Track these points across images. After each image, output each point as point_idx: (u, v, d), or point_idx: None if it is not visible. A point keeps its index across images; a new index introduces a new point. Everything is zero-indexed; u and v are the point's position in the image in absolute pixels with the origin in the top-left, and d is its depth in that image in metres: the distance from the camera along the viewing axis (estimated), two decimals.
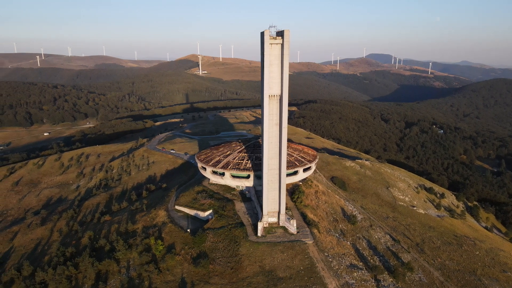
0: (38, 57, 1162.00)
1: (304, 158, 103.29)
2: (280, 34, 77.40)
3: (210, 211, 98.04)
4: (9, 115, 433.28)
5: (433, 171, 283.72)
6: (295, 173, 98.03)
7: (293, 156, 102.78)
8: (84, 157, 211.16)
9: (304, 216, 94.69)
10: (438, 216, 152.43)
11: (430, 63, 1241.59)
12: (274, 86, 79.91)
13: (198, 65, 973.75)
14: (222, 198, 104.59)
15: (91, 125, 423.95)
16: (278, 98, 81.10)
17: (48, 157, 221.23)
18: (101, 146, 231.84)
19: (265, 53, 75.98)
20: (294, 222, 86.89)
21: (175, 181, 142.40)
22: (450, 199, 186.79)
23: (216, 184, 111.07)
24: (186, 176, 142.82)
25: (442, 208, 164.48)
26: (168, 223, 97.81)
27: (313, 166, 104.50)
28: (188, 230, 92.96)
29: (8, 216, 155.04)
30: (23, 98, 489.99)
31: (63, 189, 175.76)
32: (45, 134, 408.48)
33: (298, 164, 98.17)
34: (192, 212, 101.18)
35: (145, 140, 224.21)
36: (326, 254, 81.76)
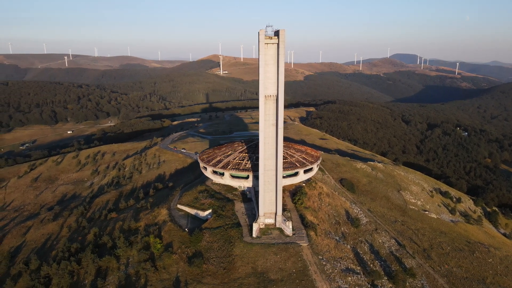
0: (66, 57, 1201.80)
1: (306, 159, 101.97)
2: (277, 34, 76.68)
3: (210, 210, 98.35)
4: (36, 114, 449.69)
5: (453, 174, 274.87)
6: (296, 174, 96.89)
7: (294, 157, 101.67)
8: (100, 155, 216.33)
9: (302, 218, 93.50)
10: (451, 221, 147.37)
11: (457, 63, 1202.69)
12: (270, 86, 79.26)
13: (219, 65, 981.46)
14: (223, 198, 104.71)
15: (112, 124, 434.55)
16: (275, 98, 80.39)
17: (67, 154, 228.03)
18: (117, 144, 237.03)
19: (260, 53, 75.51)
20: (290, 224, 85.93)
21: (182, 180, 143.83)
22: (467, 203, 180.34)
23: (219, 184, 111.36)
24: (193, 176, 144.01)
25: (458, 213, 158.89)
26: (168, 222, 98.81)
27: (315, 167, 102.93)
28: (186, 229, 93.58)
29: (24, 211, 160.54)
30: (49, 97, 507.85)
31: (78, 186, 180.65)
32: (69, 132, 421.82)
33: (298, 165, 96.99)
34: (192, 211, 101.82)
35: (159, 139, 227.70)
36: (320, 257, 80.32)
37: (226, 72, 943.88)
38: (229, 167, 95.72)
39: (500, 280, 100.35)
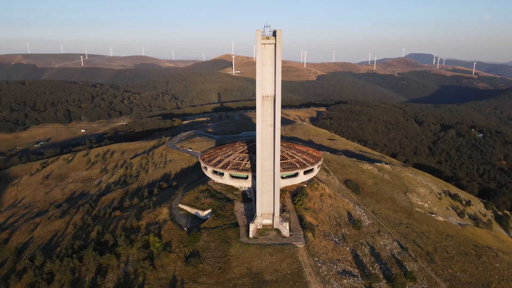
0: (82, 57, 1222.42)
1: (307, 160, 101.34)
2: (274, 34, 76.42)
3: (209, 210, 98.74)
4: (51, 112, 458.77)
5: (466, 176, 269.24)
6: (296, 175, 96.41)
7: (295, 158, 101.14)
8: (110, 154, 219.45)
9: (301, 219, 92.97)
10: (459, 224, 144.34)
11: (475, 63, 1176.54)
12: (268, 86, 79.02)
13: (232, 64, 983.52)
14: (223, 198, 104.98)
15: (124, 123, 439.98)
16: (272, 98, 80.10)
17: (77, 153, 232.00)
18: (126, 143, 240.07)
19: (257, 53, 75.37)
20: (286, 225, 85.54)
21: (186, 179, 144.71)
22: (477, 207, 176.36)
23: (220, 184, 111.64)
24: (197, 175, 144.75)
25: (467, 216, 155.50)
26: (168, 221, 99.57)
27: (316, 168, 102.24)
28: (185, 228, 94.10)
29: (34, 208, 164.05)
30: (64, 96, 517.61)
31: (86, 184, 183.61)
32: (82, 130, 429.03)
33: (298, 166, 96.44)
34: (193, 211, 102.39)
35: (167, 138, 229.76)
36: (316, 259, 79.68)
37: (239, 71, 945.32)
38: (228, 167, 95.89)
39: (506, 286, 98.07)
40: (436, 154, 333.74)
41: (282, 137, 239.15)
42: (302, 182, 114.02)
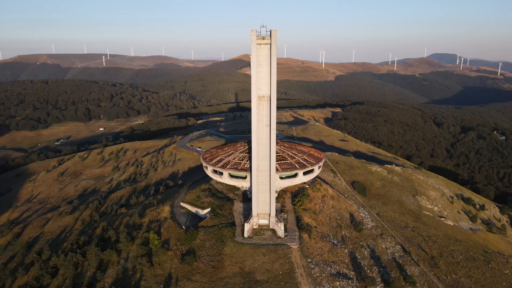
0: (103, 57, 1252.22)
1: (307, 161, 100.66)
2: (271, 34, 76.36)
3: (209, 209, 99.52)
4: (71, 111, 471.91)
5: (484, 180, 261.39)
6: (295, 175, 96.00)
7: (295, 158, 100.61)
8: (123, 152, 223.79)
9: (298, 220, 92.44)
10: (470, 229, 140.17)
11: (500, 63, 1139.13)
12: (264, 86, 79.03)
13: (250, 64, 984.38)
14: (223, 197, 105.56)
15: (141, 122, 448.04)
16: (268, 99, 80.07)
17: (93, 150, 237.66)
18: (139, 142, 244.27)
19: (252, 53, 75.53)
20: (281, 225, 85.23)
21: (192, 178, 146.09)
22: (492, 211, 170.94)
23: (222, 183, 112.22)
24: (202, 174, 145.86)
25: (479, 220, 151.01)
26: (168, 219, 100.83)
27: (316, 169, 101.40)
28: (184, 227, 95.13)
29: (47, 204, 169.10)
30: (85, 95, 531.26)
31: (99, 181, 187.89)
32: (101, 129, 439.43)
33: (298, 167, 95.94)
34: (193, 209, 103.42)
35: (179, 137, 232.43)
36: (309, 260, 79.04)
37: None
38: (228, 166, 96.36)
39: None
40: (454, 156, 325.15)
41: (293, 138, 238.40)
42: (304, 183, 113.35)
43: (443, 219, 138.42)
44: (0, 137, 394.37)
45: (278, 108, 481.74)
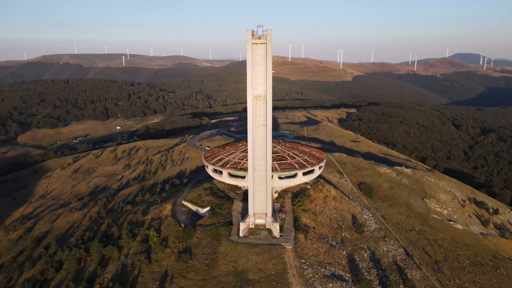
0: (123, 57, 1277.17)
1: (307, 161, 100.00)
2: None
3: (208, 208, 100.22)
4: (90, 110, 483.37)
5: (503, 183, 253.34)
6: (294, 175, 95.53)
7: (295, 158, 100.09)
8: (135, 150, 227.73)
9: (296, 220, 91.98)
10: (481, 233, 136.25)
11: None
12: (260, 86, 79.02)
13: None
14: (224, 196, 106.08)
15: (156, 121, 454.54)
16: (264, 98, 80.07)
17: (106, 148, 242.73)
18: (152, 140, 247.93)
19: (247, 53, 75.68)
20: (277, 225, 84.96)
21: (198, 177, 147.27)
22: (506, 216, 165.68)
23: (224, 182, 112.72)
24: (207, 173, 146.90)
25: (492, 225, 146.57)
26: (169, 217, 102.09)
27: (317, 169, 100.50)
28: (182, 225, 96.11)
29: (60, 200, 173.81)
30: (103, 94, 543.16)
31: (110, 178, 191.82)
32: (118, 127, 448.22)
33: (297, 167, 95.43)
34: (194, 208, 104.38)
35: (190, 136, 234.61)
36: (303, 261, 78.52)
37: (273, 71, 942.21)
38: (227, 166, 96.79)
39: None
40: (472, 159, 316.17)
41: (303, 138, 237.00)
42: (306, 183, 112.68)
43: (452, 222, 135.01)
44: (22, 134, 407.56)
45: (292, 108, 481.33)
